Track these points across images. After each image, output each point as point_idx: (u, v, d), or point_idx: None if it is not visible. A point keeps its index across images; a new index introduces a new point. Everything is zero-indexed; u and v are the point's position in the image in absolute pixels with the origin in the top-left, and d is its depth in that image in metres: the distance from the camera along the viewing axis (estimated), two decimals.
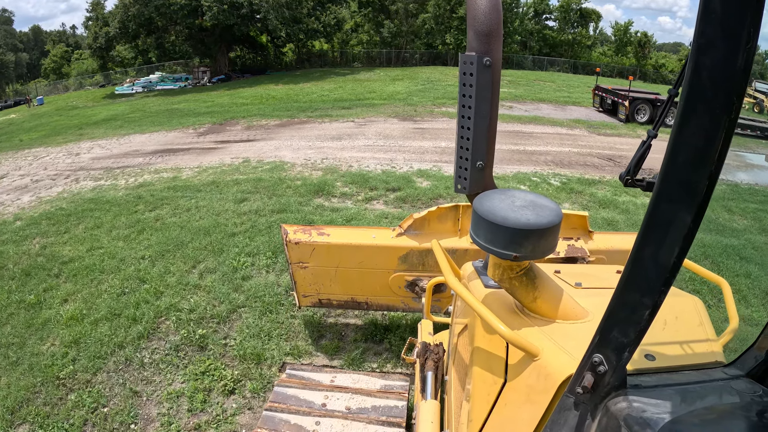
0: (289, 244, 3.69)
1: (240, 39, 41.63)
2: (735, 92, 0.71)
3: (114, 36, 36.68)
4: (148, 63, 46.28)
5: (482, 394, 1.58)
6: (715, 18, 0.68)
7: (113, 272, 5.95)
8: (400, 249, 3.58)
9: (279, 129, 15.04)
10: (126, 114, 22.12)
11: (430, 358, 2.55)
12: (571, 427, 1.16)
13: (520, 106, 19.81)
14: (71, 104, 31.94)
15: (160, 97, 29.61)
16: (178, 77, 39.58)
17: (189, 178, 9.57)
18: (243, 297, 5.13)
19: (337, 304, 4.17)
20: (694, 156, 0.77)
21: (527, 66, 47.39)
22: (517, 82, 30.50)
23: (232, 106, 21.39)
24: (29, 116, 28.77)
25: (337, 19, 42.54)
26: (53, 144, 16.66)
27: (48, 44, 60.74)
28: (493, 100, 1.50)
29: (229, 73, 40.09)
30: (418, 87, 25.37)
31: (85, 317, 5.03)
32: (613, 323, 1.01)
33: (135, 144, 14.49)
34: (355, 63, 48.08)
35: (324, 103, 20.61)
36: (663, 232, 0.85)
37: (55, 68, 57.21)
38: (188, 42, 40.94)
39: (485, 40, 1.41)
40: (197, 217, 7.33)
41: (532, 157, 11.39)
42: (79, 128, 19.45)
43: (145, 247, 6.51)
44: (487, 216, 1.33)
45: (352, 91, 24.48)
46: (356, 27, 51.15)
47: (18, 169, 13.60)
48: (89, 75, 50.99)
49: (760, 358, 1.27)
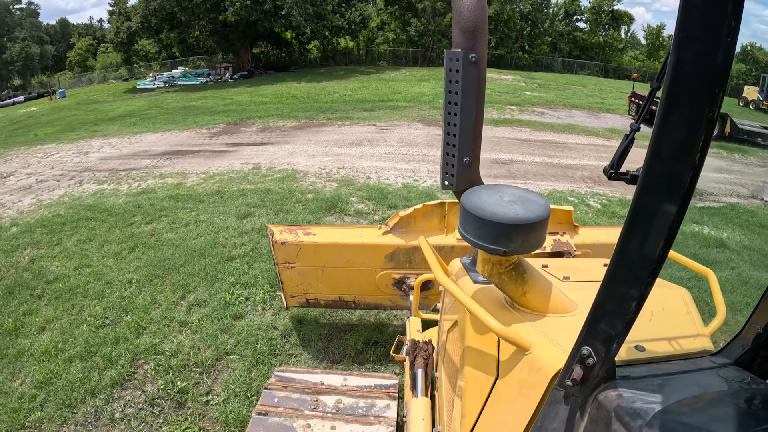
0: (275, 244, 3.70)
1: (264, 35, 41.35)
2: (717, 85, 0.72)
3: (136, 31, 36.78)
4: (172, 58, 46.46)
5: (474, 390, 1.58)
6: (696, 11, 0.69)
7: (97, 298, 5.42)
8: (386, 247, 3.61)
9: (295, 132, 14.40)
10: (143, 110, 21.84)
11: (420, 356, 2.55)
12: (562, 419, 1.17)
13: (552, 113, 18.79)
14: (91, 98, 32.06)
15: (179, 93, 29.41)
16: (200, 73, 39.50)
17: (193, 185, 9.00)
18: (233, 341, 4.47)
19: (325, 303, 4.19)
20: (677, 148, 0.79)
21: (557, 68, 46.14)
22: (547, 85, 29.32)
23: (250, 105, 20.89)
24: (49, 109, 28.89)
25: (362, 17, 41.97)
26: (66, 140, 16.41)
27: (73, 37, 61.71)
28: (479, 96, 1.51)
29: (252, 69, 39.79)
30: None
31: (60, 353, 4.51)
32: (601, 315, 1.02)
33: (145, 144, 14.06)
34: (380, 62, 47.49)
35: (346, 104, 19.91)
36: (648, 224, 0.87)
37: (80, 61, 57.96)
38: (212, 37, 40.85)
39: (470, 36, 1.41)
40: (195, 233, 6.72)
41: (567, 172, 10.51)
42: (94, 124, 19.23)
43: (134, 269, 5.93)
44: (475, 211, 1.35)
45: (376, 92, 23.74)
46: (382, 25, 50.40)
47: (26, 167, 13.33)
48: (113, 69, 51.50)
49: (747, 346, 1.29)
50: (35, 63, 52.16)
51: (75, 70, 55.79)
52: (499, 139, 13.30)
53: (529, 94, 23.69)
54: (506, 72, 36.99)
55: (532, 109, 19.13)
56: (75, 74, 53.02)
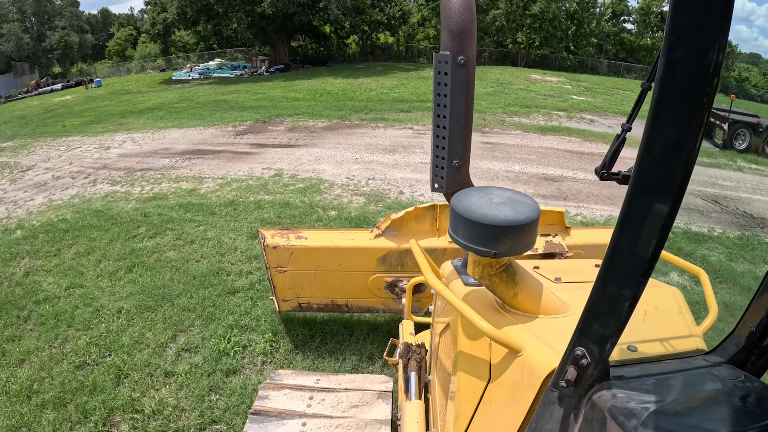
0: (267, 248, 3.71)
1: (302, 28, 41.02)
2: (708, 84, 0.73)
3: (172, 22, 36.91)
4: (210, 49, 46.76)
5: (467, 392, 1.59)
6: (687, 11, 0.70)
7: (82, 328, 4.90)
8: (378, 250, 3.64)
9: (325, 133, 13.65)
10: (172, 103, 21.62)
11: (413, 359, 2.56)
12: (556, 420, 1.17)
13: (603, 121, 17.40)
14: (126, 88, 32.34)
15: (213, 86, 29.25)
16: (236, 65, 39.44)
17: (207, 192, 8.37)
18: (222, 405, 3.75)
19: (317, 307, 4.20)
20: (668, 148, 0.79)
21: (602, 71, 44.10)
22: (594, 89, 27.56)
23: (281, 101, 20.33)
24: (83, 98, 29.22)
25: (402, 12, 41.06)
26: (90, 133, 16.25)
27: (113, 27, 63.15)
28: (467, 99, 1.52)
29: (289, 63, 39.48)
30: (487, 89, 23.23)
31: (34, 395, 3.99)
32: (594, 316, 1.03)
33: (168, 140, 13.64)
34: (420, 58, 46.59)
35: (382, 103, 19.05)
36: (640, 224, 0.88)
37: (118, 51, 59.30)
38: (250, 30, 40.78)
39: (459, 39, 1.44)
40: (198, 254, 6.06)
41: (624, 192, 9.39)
42: (122, 116, 19.08)
43: (127, 294, 5.34)
44: (465, 214, 1.37)
45: (414, 90, 22.80)
46: (423, 21, 49.46)
47: (46, 161, 13.13)
48: (151, 59, 52.31)
49: (740, 344, 1.30)
50: (74, 52, 53.47)
51: (114, 59, 57.02)
52: (547, 151, 12.21)
53: (575, 99, 22.29)
54: (550, 73, 35.37)
55: (581, 116, 17.81)
56: (114, 64, 54.18)
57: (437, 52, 1.46)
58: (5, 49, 48.55)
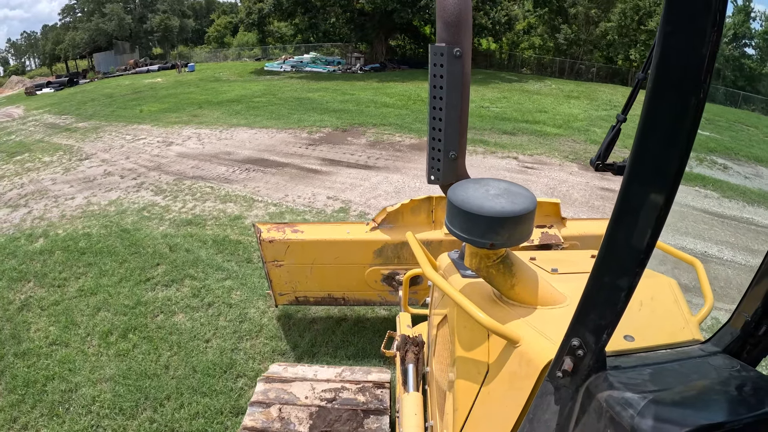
0: (263, 242, 3.75)
1: (402, 27, 39.99)
2: (702, 74, 0.73)
3: (267, 13, 37.07)
4: (307, 42, 46.89)
5: (465, 384, 1.62)
6: (682, 2, 0.71)
7: (47, 414, 3.86)
8: (375, 243, 3.68)
9: (411, 154, 11.90)
10: (254, 96, 21.02)
11: (410, 351, 2.62)
12: (553, 411, 1.19)
13: (737, 168, 13.69)
14: (216, 75, 32.78)
15: (302, 80, 28.68)
16: (330, 60, 39.01)
17: (249, 226, 6.95)
18: None
19: (314, 300, 4.25)
20: (663, 139, 0.80)
21: (718, 99, 39.02)
22: (715, 121, 22.94)
23: (369, 105, 18.97)
24: (172, 82, 29.83)
25: (509, 17, 38.68)
26: (162, 123, 15.84)
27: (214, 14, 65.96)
28: (463, 91, 1.53)
29: (385, 62, 38.49)
30: (600, 113, 20.26)
31: None
32: (590, 306, 1.05)
33: (233, 142, 12.66)
34: (523, 68, 44.05)
35: (482, 119, 17.00)
36: (635, 214, 0.89)
37: (217, 37, 61.73)
38: (348, 25, 40.30)
39: (454, 30, 1.45)
40: (211, 330, 4.64)
41: None
42: (199, 106, 18.69)
43: (111, 375, 4.24)
44: (462, 205, 1.38)
45: (518, 106, 20.55)
46: (529, 29, 46.91)
47: (107, 150, 12.69)
48: (248, 47, 53.57)
49: (736, 333, 1.31)
50: (173, 35, 56.13)
51: (212, 45, 59.21)
52: (683, 210, 9.58)
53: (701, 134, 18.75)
54: None
55: (711, 159, 14.39)
56: (212, 49, 56.17)
57: (433, 44, 1.48)
58: (107, 28, 51.83)
